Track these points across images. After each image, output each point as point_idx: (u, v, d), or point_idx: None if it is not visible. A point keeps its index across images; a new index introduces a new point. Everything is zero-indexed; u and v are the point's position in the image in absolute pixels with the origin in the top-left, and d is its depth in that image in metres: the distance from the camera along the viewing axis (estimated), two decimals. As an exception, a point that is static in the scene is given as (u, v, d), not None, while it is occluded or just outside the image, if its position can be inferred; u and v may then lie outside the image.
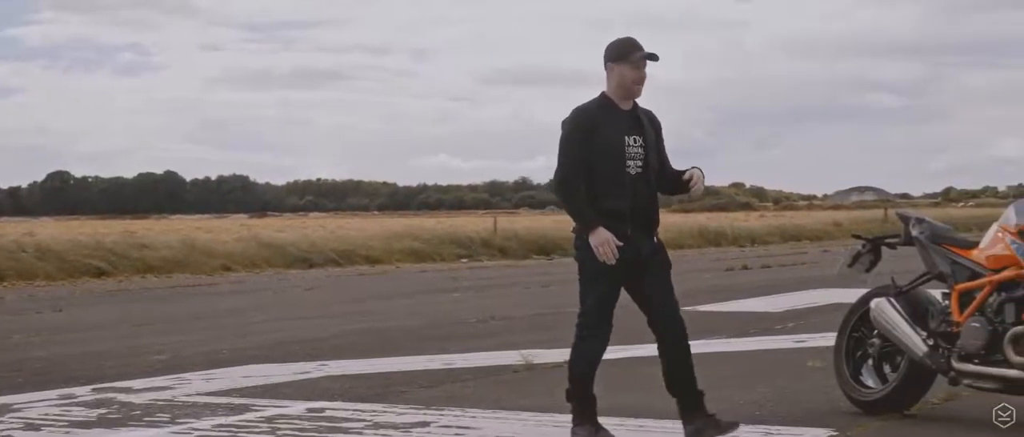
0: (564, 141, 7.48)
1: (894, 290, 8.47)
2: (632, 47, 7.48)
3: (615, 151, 7.37)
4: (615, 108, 7.49)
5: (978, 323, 7.83)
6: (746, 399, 9.07)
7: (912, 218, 8.66)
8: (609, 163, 7.37)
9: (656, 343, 7.94)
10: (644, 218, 7.49)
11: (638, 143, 7.46)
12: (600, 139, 7.37)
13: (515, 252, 34.78)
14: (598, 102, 7.52)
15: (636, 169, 7.44)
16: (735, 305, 16.70)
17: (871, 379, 8.57)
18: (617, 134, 7.40)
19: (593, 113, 7.46)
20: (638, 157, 7.45)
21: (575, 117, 7.48)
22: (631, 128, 7.47)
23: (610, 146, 7.37)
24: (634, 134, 7.46)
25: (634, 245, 7.39)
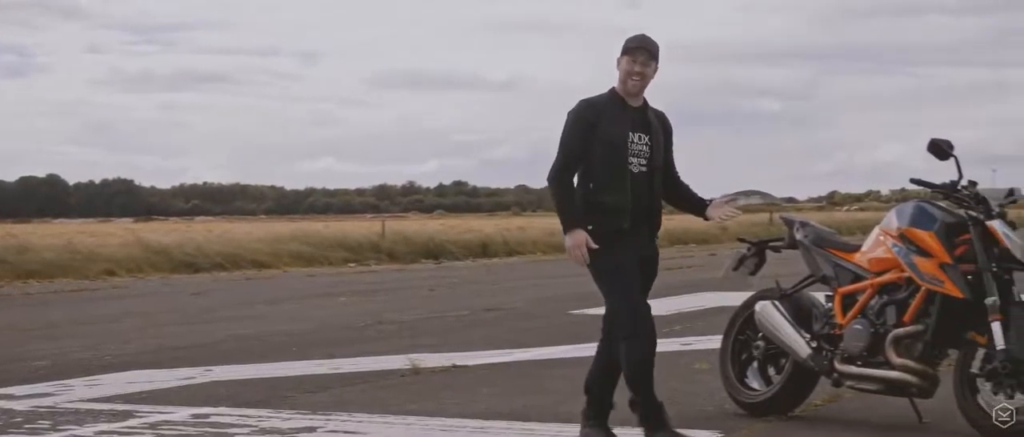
0: (565, 132, 7.39)
1: (778, 293, 8.55)
2: (633, 41, 7.40)
3: (617, 146, 7.28)
4: (623, 104, 7.39)
5: (860, 325, 7.93)
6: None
7: (796, 222, 8.75)
8: (610, 158, 7.28)
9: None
10: (646, 218, 7.42)
11: (643, 141, 7.38)
12: (603, 133, 7.28)
13: (403, 256, 34.68)
14: (606, 96, 7.44)
15: (640, 168, 7.35)
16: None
17: (756, 381, 8.64)
18: (621, 129, 7.31)
19: (598, 106, 7.37)
20: (643, 155, 7.37)
21: (579, 109, 7.40)
22: (637, 125, 7.39)
23: (612, 141, 7.28)
24: (640, 132, 7.38)
25: (635, 242, 7.34)
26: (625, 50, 7.37)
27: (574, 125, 7.35)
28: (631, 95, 7.40)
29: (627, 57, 7.35)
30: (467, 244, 37.43)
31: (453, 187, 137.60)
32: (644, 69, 7.36)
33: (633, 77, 7.36)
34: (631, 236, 7.32)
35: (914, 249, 7.71)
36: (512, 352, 12.18)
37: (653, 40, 7.46)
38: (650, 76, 7.41)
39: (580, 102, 7.42)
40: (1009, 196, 7.99)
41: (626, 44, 7.39)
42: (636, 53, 7.35)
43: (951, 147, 7.84)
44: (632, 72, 7.35)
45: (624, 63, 7.37)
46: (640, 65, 7.35)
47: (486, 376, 10.57)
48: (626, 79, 7.37)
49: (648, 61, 7.37)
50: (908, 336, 7.72)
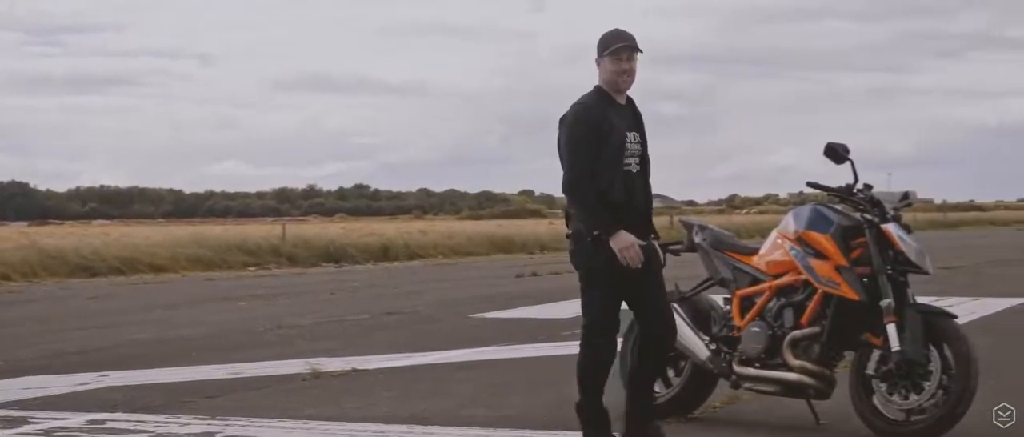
0: (571, 139, 7.22)
1: (677, 296, 8.59)
2: (613, 39, 7.28)
3: (617, 147, 7.19)
4: (613, 102, 7.30)
5: (758, 327, 8.00)
6: (532, 404, 9.12)
7: (695, 225, 8.80)
8: (609, 159, 7.18)
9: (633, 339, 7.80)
10: (642, 217, 7.37)
11: (636, 140, 7.32)
12: (607, 134, 7.18)
13: (304, 260, 34.46)
14: (596, 96, 7.31)
15: (635, 167, 7.30)
16: (524, 311, 16.81)
17: (656, 384, 8.67)
18: (621, 131, 7.22)
19: (598, 108, 7.25)
20: (636, 154, 7.31)
21: (579, 112, 7.24)
22: (630, 124, 7.33)
23: (614, 142, 7.19)
24: (633, 130, 7.32)
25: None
26: (607, 51, 7.25)
27: (585, 130, 7.19)
28: (620, 92, 7.32)
29: (611, 58, 7.24)
30: (368, 247, 37.27)
31: (354, 190, 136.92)
32: (631, 65, 7.29)
33: (624, 76, 7.27)
34: None
35: (811, 252, 7.80)
36: (413, 356, 12.16)
37: (628, 32, 7.34)
38: (636, 70, 7.34)
39: (577, 106, 7.28)
40: (903, 199, 8.11)
41: (606, 44, 7.27)
42: (620, 52, 7.24)
43: (847, 151, 7.94)
44: (622, 71, 7.26)
45: (608, 64, 7.25)
46: (627, 62, 7.27)
47: (387, 380, 10.54)
48: (616, 79, 7.26)
49: (632, 55, 7.29)
50: (805, 338, 7.81)
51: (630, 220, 7.22)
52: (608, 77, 7.28)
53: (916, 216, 60.68)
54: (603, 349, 7.39)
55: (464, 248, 40.05)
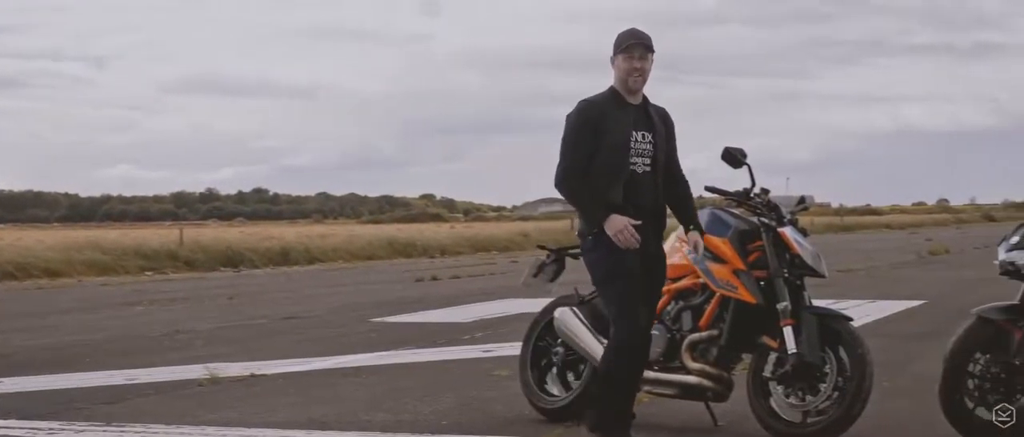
0: (567, 136, 7.24)
1: (577, 299, 8.61)
2: (627, 37, 7.24)
3: (620, 147, 7.14)
4: (623, 102, 7.25)
5: (657, 331, 8.02)
6: (432, 409, 9.10)
7: (594, 229, 8.81)
8: (613, 159, 7.14)
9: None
10: (651, 218, 7.28)
11: (647, 140, 7.24)
12: (606, 133, 7.14)
13: (202, 264, 34.16)
14: (606, 95, 7.29)
15: (644, 167, 7.22)
16: (424, 316, 16.77)
17: (556, 387, 8.70)
18: (623, 129, 7.16)
19: (600, 106, 7.22)
20: (646, 154, 7.23)
21: (581, 110, 7.24)
22: (639, 123, 7.25)
23: (615, 141, 7.14)
24: (642, 130, 7.24)
25: (641, 250, 7.17)
26: (620, 48, 7.22)
27: (579, 127, 7.21)
28: (633, 92, 7.27)
29: (623, 55, 7.21)
30: (267, 252, 37.02)
31: (253, 194, 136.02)
32: (643, 64, 7.23)
33: (634, 75, 7.22)
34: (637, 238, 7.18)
35: (709, 255, 7.85)
36: (312, 360, 12.08)
37: (644, 32, 7.30)
38: (649, 69, 7.28)
39: (580, 103, 7.28)
40: (800, 203, 8.19)
41: (620, 42, 7.24)
42: (633, 50, 7.21)
43: (744, 155, 8.00)
44: (633, 69, 7.21)
45: (621, 62, 7.22)
46: (639, 60, 7.21)
47: (285, 385, 10.46)
48: (627, 77, 7.22)
49: (645, 54, 7.24)
50: (703, 341, 7.86)
51: (638, 219, 7.16)
52: (620, 75, 7.25)
53: (813, 220, 61.40)
54: (631, 341, 7.25)
55: (364, 252, 39.89)
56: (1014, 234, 7.56)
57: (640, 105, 7.31)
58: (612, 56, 7.29)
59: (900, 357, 11.26)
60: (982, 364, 7.49)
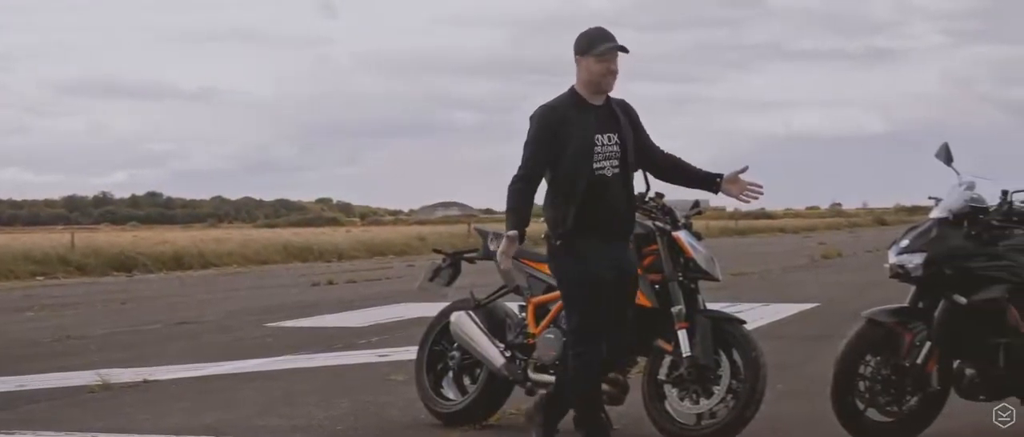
0: (529, 142, 7.05)
1: (473, 303, 8.61)
2: (598, 38, 7.02)
3: (583, 152, 6.95)
4: (585, 104, 7.05)
5: (553, 335, 8.04)
6: (327, 414, 9.05)
7: (490, 233, 8.82)
8: (576, 165, 6.96)
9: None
10: (621, 224, 7.15)
11: (613, 141, 7.04)
12: (568, 139, 6.96)
13: (94, 269, 33.70)
14: (566, 98, 7.08)
15: (613, 170, 7.03)
16: (320, 320, 16.67)
17: (452, 391, 8.69)
18: (586, 133, 6.97)
19: (560, 110, 7.02)
20: (614, 156, 7.04)
21: (541, 116, 7.03)
22: (604, 125, 7.04)
23: (578, 147, 6.95)
24: (608, 132, 7.04)
25: (610, 252, 7.06)
26: (593, 51, 7.00)
27: (539, 134, 7.02)
28: (601, 93, 7.10)
29: (596, 57, 6.99)
30: (160, 256, 36.60)
31: (147, 198, 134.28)
32: (617, 66, 7.07)
33: (609, 78, 7.05)
34: (605, 246, 7.08)
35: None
36: (206, 366, 11.97)
37: (610, 31, 7.11)
38: (618, 70, 7.11)
39: (540, 108, 7.09)
40: (694, 207, 8.24)
41: (592, 43, 7.01)
42: (609, 54, 6.99)
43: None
44: (609, 72, 7.03)
45: (593, 64, 7.00)
46: (614, 63, 7.05)
47: (179, 391, 10.35)
48: (600, 80, 7.03)
49: (616, 57, 7.05)
50: (599, 344, 7.88)
51: (606, 225, 7.05)
52: (591, 78, 7.04)
53: (708, 224, 61.86)
54: (588, 356, 7.18)
55: (260, 257, 39.58)
56: (904, 238, 7.68)
57: (604, 105, 7.14)
58: (578, 56, 7.08)
59: (793, 359, 11.38)
60: (873, 366, 7.59)
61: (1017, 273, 7.46)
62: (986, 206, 7.61)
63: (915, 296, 7.65)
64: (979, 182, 7.67)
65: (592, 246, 7.05)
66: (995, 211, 7.62)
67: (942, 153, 7.81)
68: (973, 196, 7.59)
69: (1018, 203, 7.69)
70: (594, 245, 7.05)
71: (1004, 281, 7.44)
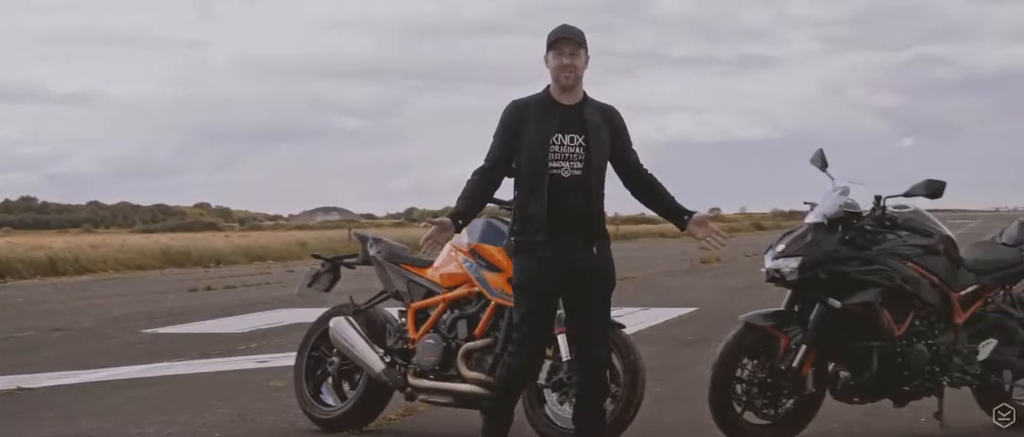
0: (494, 133, 7.02)
1: (352, 309, 8.58)
2: (555, 32, 6.95)
3: (537, 150, 6.85)
4: (552, 103, 6.94)
5: (433, 340, 8.04)
6: (204, 421, 8.96)
7: (370, 238, 8.81)
8: (531, 162, 6.87)
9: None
10: (578, 226, 6.92)
11: (575, 142, 6.88)
12: (526, 136, 6.88)
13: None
14: (537, 96, 7.00)
15: (573, 171, 6.88)
16: (198, 326, 16.50)
17: (331, 397, 8.66)
18: (543, 132, 6.86)
19: (523, 108, 6.94)
20: (575, 158, 6.88)
21: (505, 109, 6.99)
22: (566, 125, 6.90)
23: (533, 144, 6.86)
24: (571, 132, 6.89)
25: (562, 254, 6.90)
26: (549, 45, 6.94)
27: (499, 128, 6.99)
28: (565, 90, 6.97)
29: (552, 52, 6.92)
30: (34, 262, 35.90)
31: (21, 203, 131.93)
32: (574, 60, 6.91)
33: (565, 72, 6.91)
34: (555, 248, 6.91)
35: (484, 264, 7.89)
36: (81, 373, 11.78)
37: (576, 27, 7.02)
38: (582, 67, 6.97)
39: (509, 103, 7.02)
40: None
41: (548, 38, 6.95)
42: (562, 45, 6.91)
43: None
44: (562, 66, 6.91)
45: (551, 59, 6.93)
46: (569, 56, 6.91)
47: (53, 399, 10.17)
48: (558, 75, 6.92)
49: (576, 50, 6.93)
50: (479, 350, 7.89)
51: (562, 227, 6.90)
52: (552, 74, 6.98)
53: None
54: (520, 357, 7.08)
55: (137, 262, 39.02)
56: (779, 242, 7.77)
57: (573, 106, 7.00)
58: (545, 54, 7.03)
59: (672, 363, 11.47)
60: (749, 369, 7.69)
61: (890, 277, 7.60)
62: (860, 211, 7.74)
63: (791, 300, 7.76)
64: (853, 187, 7.79)
65: (543, 247, 6.94)
66: (868, 216, 7.75)
67: (817, 159, 7.93)
68: (847, 201, 7.71)
69: (891, 208, 7.83)
70: (546, 246, 6.94)
71: (877, 285, 7.58)
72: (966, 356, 7.87)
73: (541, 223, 6.89)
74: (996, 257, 8.18)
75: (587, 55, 7.04)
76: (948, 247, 7.90)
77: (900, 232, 7.76)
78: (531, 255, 6.96)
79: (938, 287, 7.79)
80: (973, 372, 7.90)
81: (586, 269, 6.97)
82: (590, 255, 6.99)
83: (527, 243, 6.96)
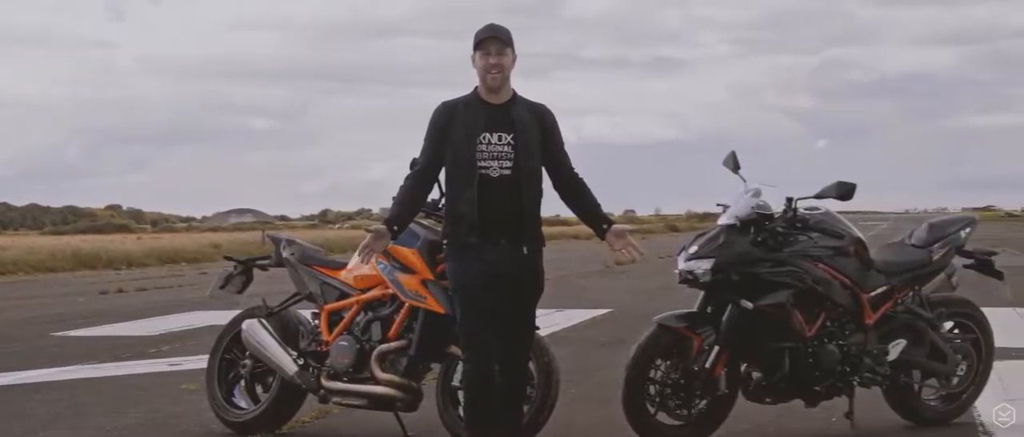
0: (425, 136, 6.96)
1: (265, 311, 8.54)
2: (482, 33, 6.89)
3: (465, 150, 6.80)
4: (480, 103, 6.90)
5: (346, 342, 8.02)
6: (116, 425, 8.87)
7: (283, 240, 8.76)
8: (459, 162, 6.82)
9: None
10: (509, 227, 6.85)
11: (503, 141, 6.82)
12: (453, 136, 6.83)
13: None
14: (466, 96, 6.95)
15: (501, 171, 6.81)
16: (109, 329, 16.33)
17: (244, 400, 8.61)
18: (470, 131, 6.80)
19: (452, 108, 6.89)
20: (503, 157, 6.82)
21: (435, 111, 6.94)
22: (493, 125, 6.84)
23: (460, 144, 6.81)
24: (499, 131, 6.83)
25: (490, 256, 6.82)
26: (475, 45, 6.89)
27: (428, 129, 6.94)
28: (492, 90, 6.91)
29: (479, 51, 6.87)
30: (-58, 265, 35.47)
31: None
32: (500, 59, 6.87)
33: (491, 71, 6.86)
34: (484, 251, 6.84)
35: (398, 266, 7.86)
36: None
37: (503, 26, 6.96)
38: (509, 66, 6.93)
39: (439, 104, 6.97)
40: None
41: (475, 38, 6.89)
42: (488, 44, 6.87)
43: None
44: (489, 66, 6.86)
45: (478, 59, 6.88)
46: (495, 56, 6.86)
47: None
48: (485, 75, 6.87)
49: (502, 49, 6.89)
50: (392, 352, 7.87)
51: (493, 228, 6.85)
52: (478, 73, 6.92)
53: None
54: (471, 362, 6.98)
55: (47, 264, 38.54)
56: (692, 244, 7.82)
57: (502, 105, 6.96)
58: (471, 54, 6.98)
59: (586, 365, 11.50)
60: (663, 370, 7.72)
61: (801, 279, 7.67)
62: (772, 213, 7.80)
63: (703, 301, 7.81)
64: (765, 189, 7.86)
65: (473, 248, 6.89)
66: (780, 218, 7.82)
67: (729, 161, 7.98)
68: (759, 203, 7.77)
69: (802, 210, 7.91)
70: (476, 247, 6.88)
71: (789, 286, 7.64)
72: (876, 356, 7.97)
73: (472, 224, 6.85)
74: (906, 258, 8.30)
75: (514, 54, 7.00)
76: (859, 249, 7.99)
77: (811, 234, 7.84)
78: (463, 257, 6.92)
79: (849, 288, 7.87)
80: (883, 372, 8.01)
81: (515, 273, 6.94)
82: (521, 258, 6.95)
83: (459, 245, 6.94)
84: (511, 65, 6.98)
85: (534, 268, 7.04)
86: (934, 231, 8.50)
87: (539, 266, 7.07)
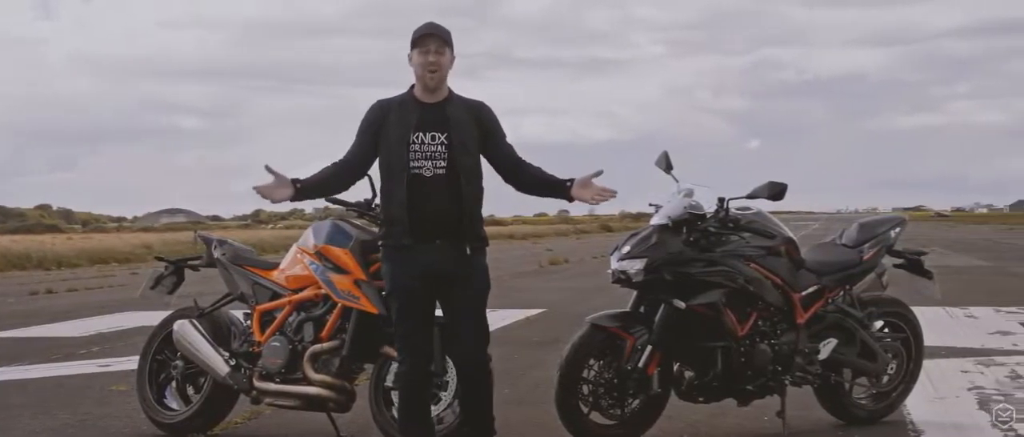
0: (357, 132, 6.92)
1: (197, 312, 8.48)
2: (420, 31, 6.81)
3: (396, 149, 6.73)
4: (414, 102, 6.82)
5: (278, 343, 7.98)
6: (45, 427, 8.78)
7: (214, 240, 8.71)
8: (390, 161, 6.76)
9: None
10: (445, 228, 6.76)
11: (437, 141, 6.73)
12: (385, 136, 6.78)
13: None
14: (401, 95, 6.88)
15: (435, 170, 6.72)
16: (38, 330, 16.18)
17: (175, 401, 8.55)
18: (401, 131, 6.73)
19: (385, 107, 6.83)
20: (437, 156, 6.73)
21: (369, 108, 6.88)
22: (426, 124, 6.75)
23: (391, 143, 6.75)
24: (432, 131, 6.75)
25: (424, 257, 6.76)
26: (413, 43, 6.80)
27: (360, 126, 6.90)
28: (429, 90, 6.83)
29: (417, 50, 6.79)
30: None
31: None
32: (439, 58, 6.78)
33: (429, 69, 6.77)
34: (417, 251, 6.78)
35: (330, 266, 7.83)
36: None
37: (442, 25, 6.88)
38: (447, 65, 6.85)
39: (374, 102, 6.90)
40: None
41: (413, 36, 6.81)
42: (427, 42, 6.78)
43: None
44: (427, 64, 6.77)
45: (416, 57, 6.80)
46: (434, 54, 6.77)
47: None
48: (423, 74, 6.79)
49: (441, 48, 6.80)
50: (325, 352, 7.84)
51: (428, 229, 6.77)
52: (416, 71, 6.84)
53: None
54: (404, 364, 6.98)
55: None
56: (625, 243, 7.84)
57: (436, 104, 6.88)
58: (409, 53, 6.90)
59: (519, 365, 11.51)
60: (596, 370, 7.74)
61: (733, 278, 7.71)
62: (704, 213, 7.84)
63: (636, 301, 7.83)
64: (697, 189, 7.89)
65: (407, 249, 6.83)
66: (712, 218, 7.86)
67: (662, 161, 8.01)
68: (691, 203, 7.80)
69: (734, 210, 7.95)
70: (410, 248, 6.83)
71: (721, 286, 7.68)
72: (807, 355, 8.03)
73: (405, 226, 6.80)
74: (837, 258, 8.36)
75: (453, 54, 6.95)
76: (790, 248, 8.05)
77: (743, 234, 7.88)
78: (398, 259, 6.88)
79: (780, 288, 7.92)
80: (814, 371, 8.07)
81: (456, 273, 6.86)
82: (462, 258, 6.86)
83: (393, 247, 6.91)
84: (449, 65, 6.92)
85: (476, 267, 6.94)
86: (864, 231, 8.57)
87: (482, 264, 7.00)
